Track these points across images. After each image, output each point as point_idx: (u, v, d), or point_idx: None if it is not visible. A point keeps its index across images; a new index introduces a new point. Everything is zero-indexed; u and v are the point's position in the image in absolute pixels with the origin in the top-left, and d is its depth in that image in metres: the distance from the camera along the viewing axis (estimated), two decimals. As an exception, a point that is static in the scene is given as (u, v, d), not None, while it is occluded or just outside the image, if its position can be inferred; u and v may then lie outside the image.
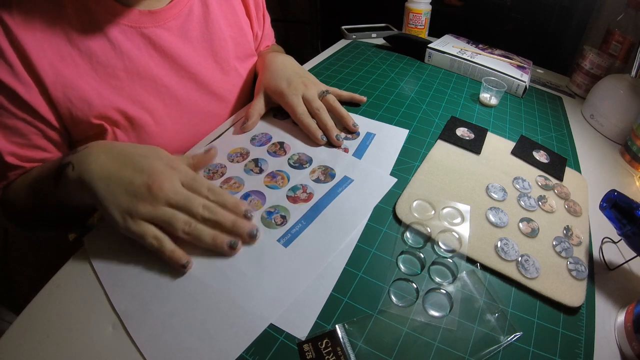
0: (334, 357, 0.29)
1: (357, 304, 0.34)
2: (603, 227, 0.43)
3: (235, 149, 0.49)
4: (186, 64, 0.51)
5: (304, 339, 0.31)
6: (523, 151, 0.53)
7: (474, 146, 0.53)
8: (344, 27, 0.92)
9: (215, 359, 0.29)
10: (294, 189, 0.44)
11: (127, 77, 0.45)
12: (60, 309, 0.32)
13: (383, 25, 0.96)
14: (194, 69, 0.52)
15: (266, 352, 0.30)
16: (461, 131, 0.56)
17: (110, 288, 0.34)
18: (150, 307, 0.32)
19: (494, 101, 0.65)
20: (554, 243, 0.40)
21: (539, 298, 0.35)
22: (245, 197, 0.42)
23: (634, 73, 0.62)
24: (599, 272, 0.39)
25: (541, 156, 0.53)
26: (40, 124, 0.42)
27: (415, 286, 0.35)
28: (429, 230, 0.40)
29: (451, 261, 0.37)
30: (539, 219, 0.42)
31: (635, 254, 0.37)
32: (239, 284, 0.34)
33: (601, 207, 0.38)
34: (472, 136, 0.55)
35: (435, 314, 0.33)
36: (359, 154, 0.50)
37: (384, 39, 0.88)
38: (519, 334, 0.32)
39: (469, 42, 0.84)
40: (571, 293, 0.35)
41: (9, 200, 0.45)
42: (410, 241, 0.39)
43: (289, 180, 0.45)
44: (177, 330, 0.31)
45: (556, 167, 0.51)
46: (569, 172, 0.51)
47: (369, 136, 0.53)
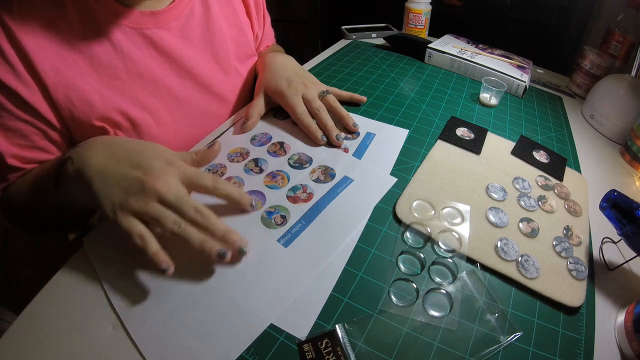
0: (334, 357, 0.29)
1: (357, 304, 0.34)
2: (603, 227, 0.43)
3: (235, 148, 0.49)
4: (187, 65, 0.51)
5: (304, 339, 0.31)
6: (523, 151, 0.53)
7: (474, 146, 0.53)
8: (344, 27, 0.92)
9: (215, 359, 0.29)
10: (294, 189, 0.44)
11: (128, 78, 0.45)
12: (60, 309, 0.32)
13: (383, 25, 0.96)
14: (194, 69, 0.52)
15: (266, 352, 0.30)
16: (461, 131, 0.56)
17: (110, 288, 0.34)
18: (150, 307, 0.32)
19: (494, 101, 0.65)
20: (554, 243, 0.40)
21: (539, 298, 0.35)
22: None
23: (634, 73, 0.62)
24: (599, 272, 0.39)
25: (541, 156, 0.53)
26: (42, 125, 0.42)
27: (415, 286, 0.35)
28: (429, 230, 0.40)
29: (451, 261, 0.37)
30: (539, 219, 0.42)
31: (635, 254, 0.37)
32: (239, 284, 0.34)
33: (601, 207, 0.38)
34: (472, 136, 0.55)
35: (435, 314, 0.33)
36: (359, 154, 0.50)
37: (384, 39, 0.88)
38: (519, 334, 0.32)
39: (469, 42, 0.84)
40: (571, 293, 0.35)
41: (9, 201, 0.45)
42: (410, 241, 0.39)
43: (289, 180, 0.45)
44: (177, 330, 0.31)
45: (556, 167, 0.51)
46: (569, 172, 0.51)
47: (369, 136, 0.53)
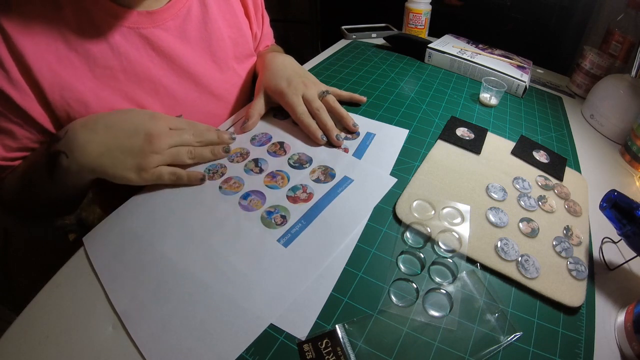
0: (334, 357, 0.29)
1: (357, 304, 0.34)
2: (603, 227, 0.43)
3: (235, 149, 0.49)
4: (185, 64, 0.51)
5: (304, 339, 0.31)
6: (523, 151, 0.53)
7: (474, 146, 0.53)
8: (344, 27, 0.92)
9: (215, 359, 0.29)
10: (294, 189, 0.44)
11: (125, 78, 0.45)
12: (60, 309, 0.32)
13: (383, 25, 0.96)
14: (192, 69, 0.52)
15: (266, 352, 0.30)
16: (461, 131, 0.56)
17: (110, 288, 0.34)
18: (150, 307, 0.32)
19: (494, 101, 0.65)
20: (554, 243, 0.40)
21: (539, 298, 0.35)
22: (245, 197, 0.42)
23: (634, 73, 0.62)
24: (599, 272, 0.39)
25: (541, 156, 0.53)
26: (33, 128, 0.42)
27: (415, 286, 0.35)
28: (429, 230, 0.40)
29: (451, 261, 0.37)
30: (539, 219, 0.42)
31: (635, 254, 0.37)
32: (239, 284, 0.34)
33: (601, 207, 0.38)
34: (472, 136, 0.55)
35: (435, 314, 0.33)
36: (359, 154, 0.50)
37: (384, 39, 0.88)
38: (519, 334, 0.32)
39: (469, 42, 0.84)
40: (571, 293, 0.35)
41: (4, 195, 0.46)
42: (410, 241, 0.39)
43: (289, 180, 0.45)
44: (177, 330, 0.31)
45: (556, 167, 0.51)
46: (569, 172, 0.51)
47: (369, 136, 0.53)
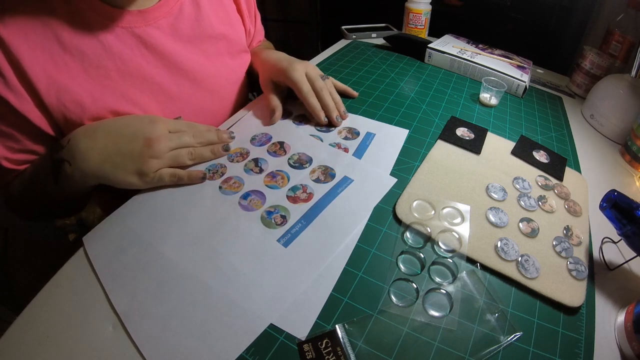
0: (334, 357, 0.29)
1: (357, 304, 0.34)
2: (603, 227, 0.43)
3: (235, 148, 0.49)
4: (178, 62, 0.51)
5: (304, 339, 0.31)
6: (523, 151, 0.53)
7: (474, 146, 0.53)
8: (344, 27, 0.92)
9: (215, 359, 0.29)
10: (294, 188, 0.44)
11: (119, 78, 0.46)
12: (60, 309, 0.32)
13: (383, 25, 0.96)
14: (186, 66, 0.52)
15: (266, 352, 0.30)
16: (461, 131, 0.56)
17: (110, 288, 0.34)
18: (150, 307, 0.32)
19: (494, 101, 0.65)
20: (554, 243, 0.40)
21: (539, 298, 0.35)
22: (245, 197, 0.42)
23: (634, 73, 0.62)
24: (599, 272, 0.39)
25: (541, 156, 0.53)
26: (33, 130, 0.43)
27: (415, 286, 0.35)
28: (429, 230, 0.40)
29: (451, 261, 0.37)
30: (539, 219, 0.42)
31: (635, 254, 0.37)
32: (239, 284, 0.34)
33: (601, 207, 0.37)
34: (472, 136, 0.55)
35: (435, 314, 0.33)
36: (359, 154, 0.50)
37: (384, 39, 0.88)
38: (519, 334, 0.32)
39: (469, 42, 0.84)
40: (571, 293, 0.35)
41: (11, 197, 0.48)
42: (410, 241, 0.39)
43: (289, 180, 0.45)
44: (177, 330, 0.31)
45: (556, 167, 0.51)
46: (569, 172, 0.51)
47: (369, 136, 0.53)
